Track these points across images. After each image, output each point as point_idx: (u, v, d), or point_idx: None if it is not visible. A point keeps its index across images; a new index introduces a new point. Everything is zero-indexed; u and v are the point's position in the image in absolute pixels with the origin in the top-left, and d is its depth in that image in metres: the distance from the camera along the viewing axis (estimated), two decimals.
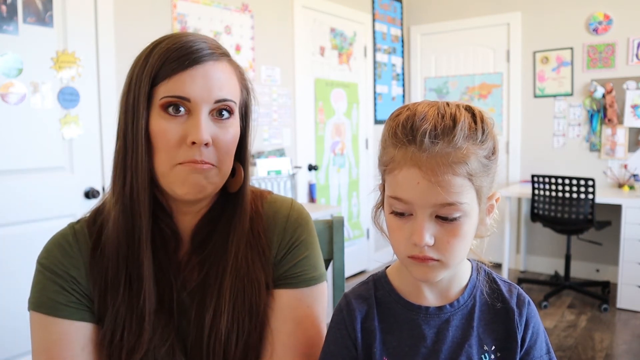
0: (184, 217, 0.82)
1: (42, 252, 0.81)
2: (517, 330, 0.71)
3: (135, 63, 0.77)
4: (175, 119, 0.74)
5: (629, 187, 3.92)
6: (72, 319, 0.76)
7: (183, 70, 0.73)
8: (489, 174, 0.66)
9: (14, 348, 2.18)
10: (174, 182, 0.75)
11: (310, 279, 0.84)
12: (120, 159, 0.76)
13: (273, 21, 3.54)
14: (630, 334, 3.19)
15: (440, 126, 0.63)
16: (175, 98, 0.73)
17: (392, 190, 0.66)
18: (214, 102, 0.75)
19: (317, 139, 3.99)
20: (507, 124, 4.54)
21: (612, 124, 4.05)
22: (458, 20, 4.70)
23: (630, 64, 3.96)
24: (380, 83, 4.64)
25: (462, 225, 0.64)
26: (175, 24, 2.86)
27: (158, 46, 0.76)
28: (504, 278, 0.77)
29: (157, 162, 0.75)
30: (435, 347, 0.70)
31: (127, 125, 0.75)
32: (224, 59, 0.78)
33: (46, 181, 2.31)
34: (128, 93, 0.76)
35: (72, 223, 0.83)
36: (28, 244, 2.23)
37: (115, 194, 0.77)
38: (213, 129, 0.75)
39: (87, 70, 2.44)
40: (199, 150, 0.73)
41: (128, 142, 0.75)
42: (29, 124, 2.25)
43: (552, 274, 4.36)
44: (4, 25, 2.15)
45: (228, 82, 0.77)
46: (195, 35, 0.77)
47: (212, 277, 0.80)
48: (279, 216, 0.87)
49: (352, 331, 0.73)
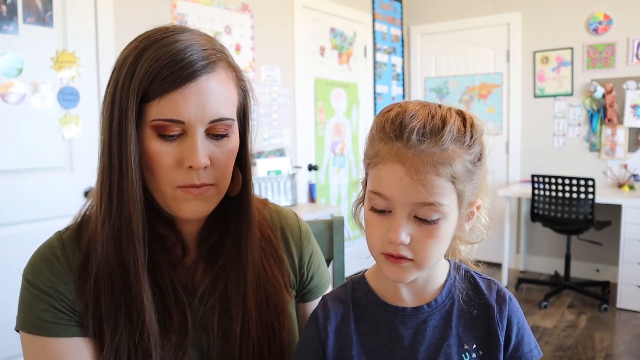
0: (187, 225, 0.79)
1: (27, 266, 0.76)
2: (497, 327, 0.70)
3: (119, 68, 0.69)
4: (170, 142, 0.69)
5: (629, 187, 3.92)
6: (63, 336, 0.72)
7: (174, 90, 0.66)
8: (473, 179, 0.66)
9: (14, 348, 2.18)
10: (173, 204, 0.71)
11: (326, 282, 0.91)
12: (106, 177, 0.69)
13: (273, 21, 3.54)
14: (630, 334, 3.19)
15: (429, 125, 0.63)
16: (168, 121, 0.67)
17: (374, 184, 0.65)
18: (209, 122, 0.69)
19: (317, 139, 3.99)
20: (507, 124, 4.54)
21: (612, 124, 4.05)
22: (458, 20, 4.70)
23: (630, 64, 3.96)
24: (380, 83, 4.65)
25: (439, 227, 0.64)
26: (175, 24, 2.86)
27: (144, 54, 0.68)
28: (484, 275, 0.76)
29: (155, 183, 0.71)
30: (413, 348, 0.69)
31: (112, 142, 0.68)
32: (218, 66, 0.71)
33: (46, 181, 2.31)
34: (112, 105, 0.68)
35: (59, 232, 0.78)
36: (28, 244, 2.22)
37: (102, 214, 0.70)
38: (210, 148, 0.71)
39: (87, 70, 2.44)
40: (196, 174, 0.69)
41: (114, 162, 0.68)
42: (29, 124, 2.25)
43: (552, 274, 4.36)
44: (4, 25, 2.15)
45: (224, 95, 0.71)
46: (185, 41, 0.69)
47: (232, 288, 0.78)
48: (291, 228, 0.89)
49: (323, 332, 0.72)
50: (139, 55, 0.68)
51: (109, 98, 0.70)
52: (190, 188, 0.70)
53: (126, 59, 0.69)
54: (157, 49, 0.68)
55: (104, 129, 0.70)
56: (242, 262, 0.78)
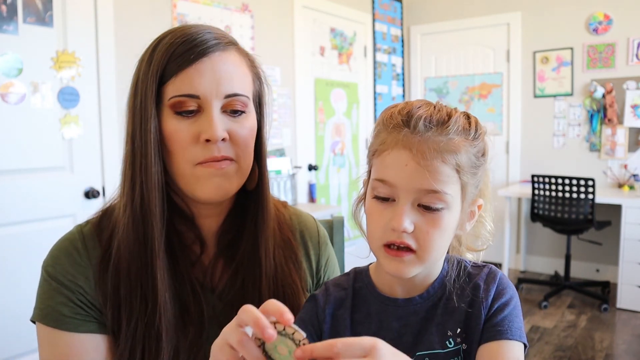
0: (206, 220, 0.79)
1: (48, 258, 0.76)
2: (482, 305, 0.68)
3: (140, 62, 0.74)
4: (188, 118, 0.71)
5: (629, 187, 3.92)
6: (79, 332, 0.72)
7: (189, 65, 0.70)
8: (476, 174, 0.66)
9: (14, 348, 2.18)
10: (195, 183, 0.72)
11: None
12: (129, 163, 0.73)
13: (273, 21, 3.54)
14: (630, 334, 3.19)
15: (435, 116, 0.64)
16: (184, 97, 0.70)
17: (379, 172, 0.65)
18: (224, 97, 0.71)
19: (317, 139, 3.99)
20: (507, 124, 4.54)
21: (612, 124, 4.05)
22: (458, 20, 4.70)
23: (630, 64, 3.96)
24: (380, 83, 4.64)
25: (443, 217, 0.64)
26: (175, 24, 2.86)
27: (161, 42, 0.72)
28: (478, 262, 0.74)
29: (174, 164, 0.72)
30: (400, 340, 0.69)
31: (135, 128, 0.72)
32: (231, 47, 0.74)
33: (46, 181, 2.31)
34: (135, 95, 0.72)
35: (79, 226, 0.78)
36: (28, 244, 2.23)
37: (124, 199, 0.73)
38: (228, 124, 0.72)
39: (87, 70, 2.44)
40: (216, 147, 0.71)
41: (137, 146, 0.71)
42: (29, 124, 2.25)
43: (552, 274, 4.36)
44: (4, 25, 2.15)
45: (238, 73, 0.73)
46: (199, 26, 0.73)
47: (249, 283, 0.78)
48: (310, 232, 0.89)
49: (321, 314, 0.73)
50: (157, 43, 0.73)
51: (132, 88, 0.74)
52: (211, 162, 0.71)
53: (147, 50, 0.74)
54: (173, 34, 0.73)
55: (128, 117, 0.74)
56: (259, 256, 0.79)
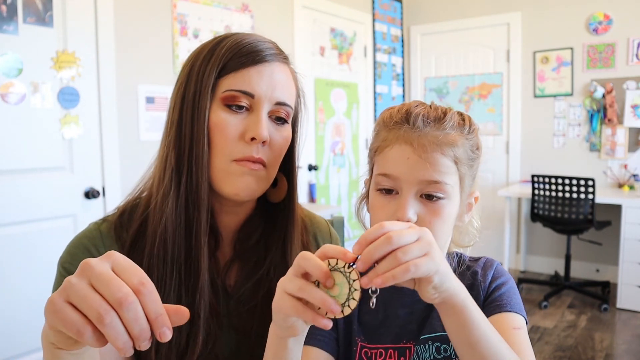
0: (226, 217, 0.80)
1: (65, 255, 0.76)
2: (480, 287, 0.74)
3: (196, 56, 0.76)
4: (236, 114, 0.73)
5: (629, 187, 3.92)
6: None
7: (252, 66, 0.73)
8: (472, 167, 0.72)
9: (14, 348, 2.18)
10: (225, 178, 0.74)
11: None
12: (173, 150, 0.74)
13: (273, 21, 3.54)
14: (630, 334, 3.19)
15: (432, 114, 0.70)
16: (239, 92, 0.73)
17: (381, 167, 0.70)
18: (275, 104, 0.75)
19: (317, 139, 3.99)
20: (507, 124, 4.54)
21: (612, 124, 4.05)
22: (458, 20, 4.70)
23: (630, 64, 3.96)
24: (380, 83, 4.64)
25: (444, 207, 0.68)
26: (175, 24, 2.86)
27: (225, 40, 0.75)
28: (475, 257, 0.80)
29: (211, 155, 0.74)
30: (406, 327, 0.73)
31: (184, 118, 0.73)
32: (287, 62, 0.80)
33: (46, 181, 2.31)
34: (187, 85, 0.74)
35: (96, 223, 0.78)
36: (28, 244, 2.23)
37: (165, 186, 0.73)
38: (270, 129, 0.76)
39: (87, 70, 2.44)
40: (256, 147, 0.73)
41: (186, 135, 0.73)
42: (29, 124, 2.25)
43: (552, 274, 4.36)
44: (4, 25, 2.15)
45: (289, 86, 0.78)
46: (260, 36, 0.79)
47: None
48: (323, 234, 0.92)
49: None
50: (218, 43, 0.76)
51: (182, 80, 0.75)
52: (247, 162, 0.73)
53: (203, 48, 0.76)
54: (239, 36, 0.76)
55: (175, 107, 0.75)
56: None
